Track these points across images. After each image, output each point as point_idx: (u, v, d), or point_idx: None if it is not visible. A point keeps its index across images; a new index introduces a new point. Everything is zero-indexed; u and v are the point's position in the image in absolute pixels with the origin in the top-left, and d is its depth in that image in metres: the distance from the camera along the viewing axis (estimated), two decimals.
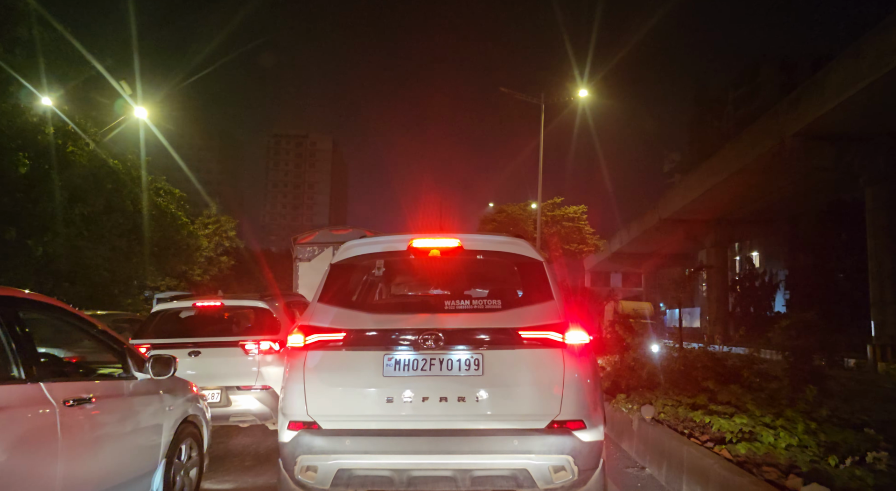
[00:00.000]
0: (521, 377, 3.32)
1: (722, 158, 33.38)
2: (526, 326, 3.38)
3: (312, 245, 14.12)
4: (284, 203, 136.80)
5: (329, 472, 3.28)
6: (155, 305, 7.35)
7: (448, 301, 3.70)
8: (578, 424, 3.24)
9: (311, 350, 3.45)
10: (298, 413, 3.38)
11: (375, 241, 4.11)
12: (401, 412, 3.29)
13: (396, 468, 3.25)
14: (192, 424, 4.39)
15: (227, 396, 6.14)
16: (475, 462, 3.22)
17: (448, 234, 3.91)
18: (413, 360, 3.33)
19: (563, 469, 3.20)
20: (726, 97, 74.98)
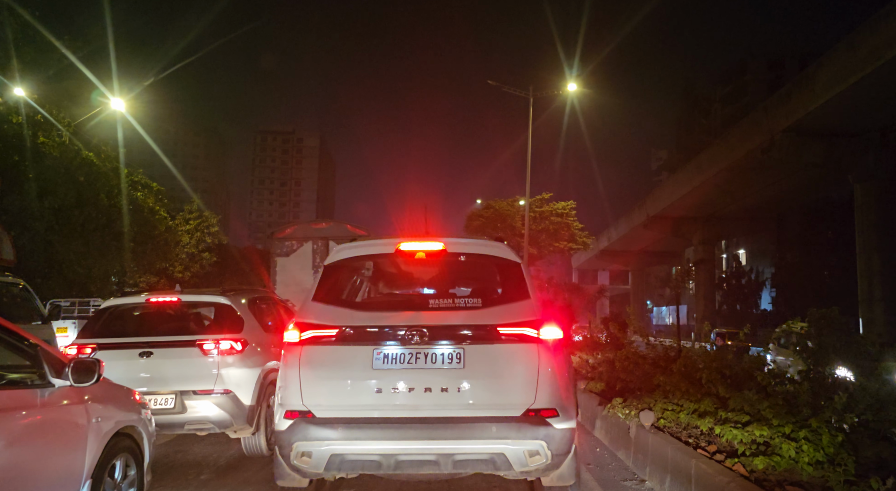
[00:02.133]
0: (499, 370, 3.57)
1: (710, 155, 33.20)
2: (504, 323, 3.61)
3: (291, 239, 13.42)
4: (271, 200, 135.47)
5: (322, 457, 3.50)
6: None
7: (432, 299, 3.98)
8: (552, 412, 3.48)
9: (306, 345, 3.66)
10: (294, 403, 3.58)
11: (365, 244, 4.33)
12: (389, 402, 3.52)
13: (384, 453, 3.48)
14: (129, 437, 3.86)
15: (183, 401, 5.47)
16: (457, 448, 3.45)
17: (433, 237, 4.17)
18: (400, 354, 3.55)
19: (538, 454, 3.44)
20: (714, 94, 75.01)
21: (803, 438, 3.22)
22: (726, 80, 72.51)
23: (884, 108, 21.94)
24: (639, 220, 47.24)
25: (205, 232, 26.36)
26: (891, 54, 18.34)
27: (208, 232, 26.50)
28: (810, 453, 3.12)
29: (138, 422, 4.00)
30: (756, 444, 3.46)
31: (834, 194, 38.38)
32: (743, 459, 3.39)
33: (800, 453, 3.15)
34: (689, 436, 4.21)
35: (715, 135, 50.21)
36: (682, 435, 4.29)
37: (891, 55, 18.37)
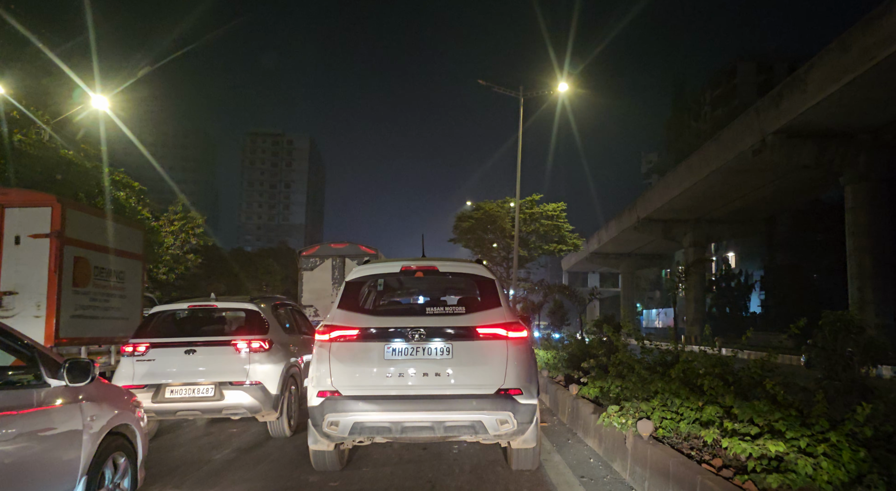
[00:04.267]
0: (478, 360, 4.66)
1: (702, 157, 33.08)
2: (481, 325, 4.74)
3: (315, 257, 16.11)
4: (261, 202, 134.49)
5: (347, 424, 4.58)
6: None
7: (428, 307, 5.08)
8: (517, 391, 4.58)
9: (334, 342, 4.76)
10: (325, 385, 4.66)
11: (377, 265, 5.49)
12: (397, 384, 4.62)
13: (394, 421, 4.55)
14: (122, 436, 4.03)
15: (221, 390, 6.57)
16: (446, 417, 4.53)
17: (428, 259, 5.51)
18: (404, 348, 4.68)
19: (507, 422, 4.52)
20: (704, 97, 75.20)
21: (822, 453, 2.91)
22: (716, 84, 72.70)
23: (875, 109, 21.85)
24: (629, 222, 47.11)
25: (190, 233, 25.81)
26: (883, 54, 18.21)
27: (193, 233, 25.96)
28: (830, 471, 2.81)
29: (132, 421, 4.15)
30: (767, 459, 3.14)
31: (824, 196, 38.44)
32: (753, 476, 3.06)
33: (818, 471, 2.84)
34: (692, 447, 3.88)
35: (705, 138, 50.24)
36: (683, 446, 3.96)
37: (883, 55, 18.24)
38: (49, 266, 7.69)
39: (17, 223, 7.75)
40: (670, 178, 38.90)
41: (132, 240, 9.77)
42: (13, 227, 7.77)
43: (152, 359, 6.69)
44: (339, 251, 16.09)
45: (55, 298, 7.68)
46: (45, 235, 7.74)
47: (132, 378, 6.60)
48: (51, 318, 7.65)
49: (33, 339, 3.67)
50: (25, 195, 8.16)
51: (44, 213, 7.80)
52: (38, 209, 7.83)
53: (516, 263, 24.03)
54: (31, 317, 7.63)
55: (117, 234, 9.21)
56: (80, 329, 8.16)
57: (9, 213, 7.79)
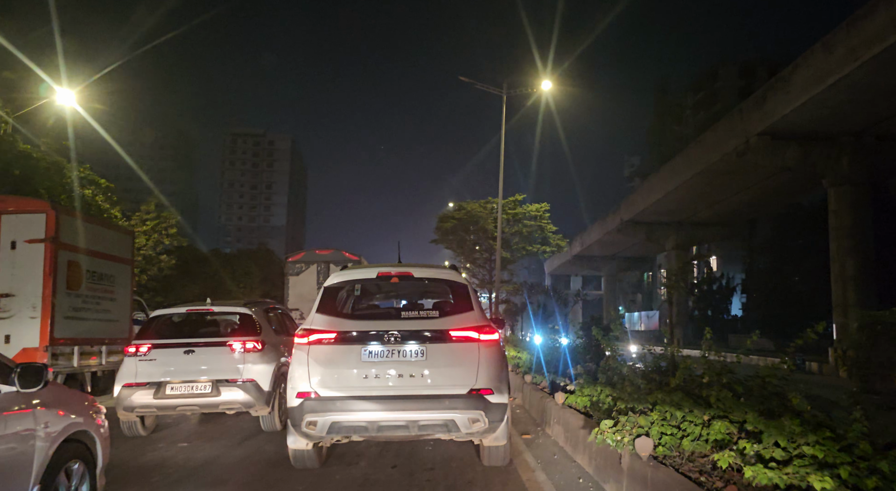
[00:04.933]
0: (451, 361, 4.82)
1: (685, 159, 32.93)
2: (454, 328, 4.91)
3: (300, 263, 16.89)
4: (241, 203, 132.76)
5: (325, 424, 4.73)
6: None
7: (403, 311, 5.43)
8: (488, 391, 4.75)
9: (312, 345, 4.89)
10: (303, 386, 4.79)
11: (354, 270, 5.63)
12: (373, 385, 4.77)
13: (370, 421, 4.68)
14: (80, 443, 3.91)
15: (218, 387, 7.06)
16: (421, 416, 4.68)
17: (403, 265, 5.58)
18: (381, 350, 4.81)
19: (478, 421, 4.68)
20: (686, 101, 75.55)
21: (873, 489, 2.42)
22: (698, 88, 73.07)
23: (858, 111, 21.72)
24: (613, 224, 46.95)
25: (163, 233, 25.04)
26: (868, 55, 18.02)
27: (167, 233, 25.19)
28: None
29: (91, 427, 4.03)
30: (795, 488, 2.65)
31: (806, 200, 38.53)
32: None
33: None
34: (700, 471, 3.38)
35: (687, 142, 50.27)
36: (687, 468, 3.48)
37: (868, 56, 18.06)
38: (44, 270, 8.00)
39: (14, 229, 8.07)
40: (654, 180, 38.76)
41: (122, 245, 10.11)
42: (9, 233, 8.07)
43: (154, 359, 7.20)
44: (324, 257, 16.80)
45: (50, 300, 8.01)
46: (41, 241, 8.06)
47: (135, 376, 7.12)
48: (46, 319, 7.96)
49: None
50: (21, 202, 8.58)
51: (39, 219, 8.10)
52: (34, 215, 8.14)
53: (499, 264, 23.56)
54: (27, 318, 7.94)
55: (108, 240, 9.57)
56: (73, 330, 8.49)
57: (5, 220, 8.07)
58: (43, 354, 7.89)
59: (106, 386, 9.66)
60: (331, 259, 16.60)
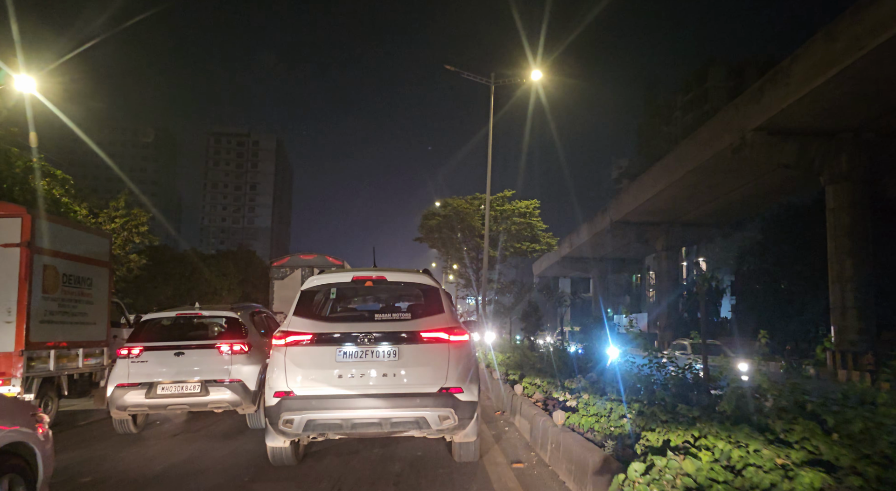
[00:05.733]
0: (422, 361, 5.17)
1: (677, 156, 32.10)
2: (425, 330, 5.26)
3: (285, 267, 17.31)
4: (225, 204, 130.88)
5: (301, 422, 5.05)
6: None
7: (377, 313, 5.74)
8: (458, 389, 5.09)
9: (289, 346, 5.24)
10: (280, 386, 5.11)
11: (330, 275, 5.91)
12: (347, 384, 5.10)
13: (344, 418, 5.04)
14: (17, 456, 3.71)
15: (206, 387, 7.43)
16: (393, 414, 5.00)
17: (377, 269, 5.97)
18: (355, 351, 5.15)
19: (448, 418, 5.04)
20: (675, 102, 75.16)
21: None
22: (687, 88, 72.68)
23: (860, 105, 20.93)
24: (602, 225, 46.11)
25: (133, 231, 23.67)
26: (874, 44, 17.20)
27: (137, 232, 23.81)
28: None
29: (30, 437, 3.80)
30: None
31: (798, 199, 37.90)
32: None
33: None
34: None
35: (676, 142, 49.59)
36: None
37: (873, 45, 17.23)
38: (19, 274, 8.03)
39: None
40: (645, 179, 37.93)
41: (99, 248, 10.17)
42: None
43: (145, 360, 7.55)
44: (308, 262, 17.20)
45: (25, 304, 8.07)
46: (16, 245, 8.08)
47: (128, 377, 7.46)
48: (21, 323, 8.02)
49: None
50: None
51: (14, 223, 8.16)
52: (9, 220, 8.18)
53: (486, 262, 22.46)
54: (2, 322, 8.00)
55: (85, 243, 9.67)
56: (49, 334, 8.58)
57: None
58: (18, 358, 7.97)
59: (84, 389, 9.85)
60: (315, 264, 17.09)
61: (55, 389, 8.98)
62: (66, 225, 9.82)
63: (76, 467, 6.13)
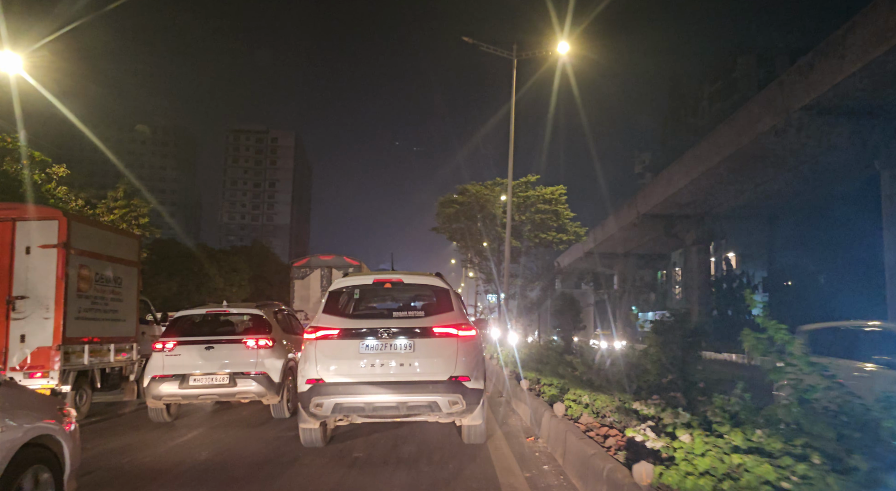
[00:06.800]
0: (434, 353, 5.81)
1: (712, 142, 29.98)
2: (438, 326, 5.94)
3: (305, 268, 18.01)
4: (244, 202, 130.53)
5: (330, 405, 5.73)
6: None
7: (395, 311, 6.43)
8: (466, 378, 5.73)
9: (319, 340, 5.91)
10: (312, 374, 5.79)
11: (354, 278, 6.64)
12: (369, 372, 5.75)
13: (366, 402, 5.70)
14: (44, 448, 3.77)
15: (234, 379, 8.13)
16: (409, 399, 5.67)
17: (396, 272, 6.97)
18: (376, 344, 5.81)
19: (457, 403, 5.68)
20: (701, 92, 72.48)
21: None
22: (714, 78, 70.06)
23: None
24: (628, 218, 44.05)
25: (132, 223, 22.36)
26: None
27: (137, 223, 22.50)
28: None
29: (57, 431, 3.92)
30: None
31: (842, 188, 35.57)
32: None
33: None
34: None
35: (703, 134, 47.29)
36: None
37: None
38: (56, 273, 8.50)
39: (28, 235, 8.60)
40: (675, 168, 35.82)
41: (128, 248, 10.60)
42: (25, 239, 8.61)
43: (178, 354, 8.12)
44: (327, 262, 17.93)
45: (62, 302, 8.50)
46: (53, 246, 8.56)
47: (162, 369, 8.06)
48: (58, 319, 8.46)
49: None
50: (36, 210, 9.15)
51: (52, 225, 8.61)
52: (47, 222, 8.65)
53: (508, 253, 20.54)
54: (40, 318, 8.45)
55: (115, 244, 10.13)
56: (83, 329, 9.00)
57: (21, 226, 8.61)
58: (56, 353, 8.38)
59: (114, 382, 10.27)
60: (333, 264, 17.84)
61: (89, 382, 9.44)
62: (99, 227, 10.42)
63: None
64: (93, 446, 6.67)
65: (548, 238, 28.19)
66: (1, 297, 8.40)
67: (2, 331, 8.36)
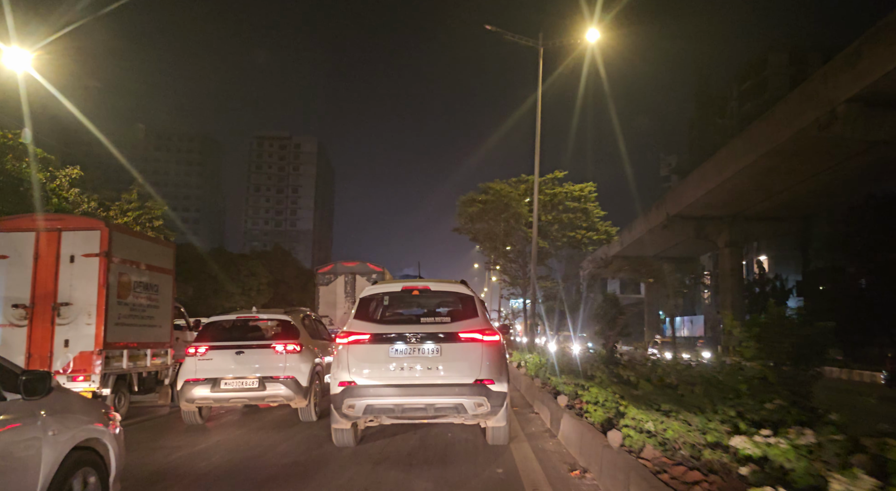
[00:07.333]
0: (460, 357, 6.04)
1: (748, 139, 28.59)
2: (463, 331, 6.14)
3: (329, 274, 18.26)
4: (267, 208, 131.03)
5: (361, 407, 5.98)
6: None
7: (423, 317, 6.61)
8: (490, 381, 5.95)
9: (350, 344, 6.17)
10: (344, 377, 6.03)
11: (384, 286, 7.04)
12: (398, 375, 6.01)
13: (396, 403, 5.95)
14: (92, 451, 3.86)
15: (264, 383, 8.34)
16: (436, 400, 5.92)
17: (423, 280, 7.75)
18: (405, 348, 6.06)
19: (482, 405, 5.90)
20: (730, 91, 70.54)
21: None
22: (744, 77, 68.03)
23: None
24: (657, 220, 42.59)
25: (146, 226, 21.78)
26: None
27: (151, 226, 21.92)
28: None
29: (103, 434, 3.99)
30: None
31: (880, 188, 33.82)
32: None
33: None
34: None
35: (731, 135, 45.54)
36: None
37: None
38: (98, 281, 8.77)
39: (72, 244, 8.88)
40: (707, 168, 34.40)
41: (164, 257, 10.84)
42: (69, 248, 8.88)
43: (210, 358, 8.48)
44: (351, 269, 18.10)
45: (103, 308, 8.75)
46: (96, 255, 8.85)
47: (195, 373, 8.42)
48: (99, 325, 8.72)
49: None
50: (79, 221, 9.64)
51: (94, 235, 8.93)
52: (90, 232, 8.97)
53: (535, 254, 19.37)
54: (83, 324, 8.72)
55: (153, 253, 10.42)
56: (122, 335, 9.25)
57: (65, 236, 8.91)
58: (97, 357, 8.67)
59: (150, 386, 10.56)
60: (357, 271, 17.98)
61: (127, 385, 9.74)
62: (138, 237, 10.76)
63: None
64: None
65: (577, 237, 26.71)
66: (47, 303, 8.72)
67: (47, 336, 8.69)
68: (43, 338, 8.64)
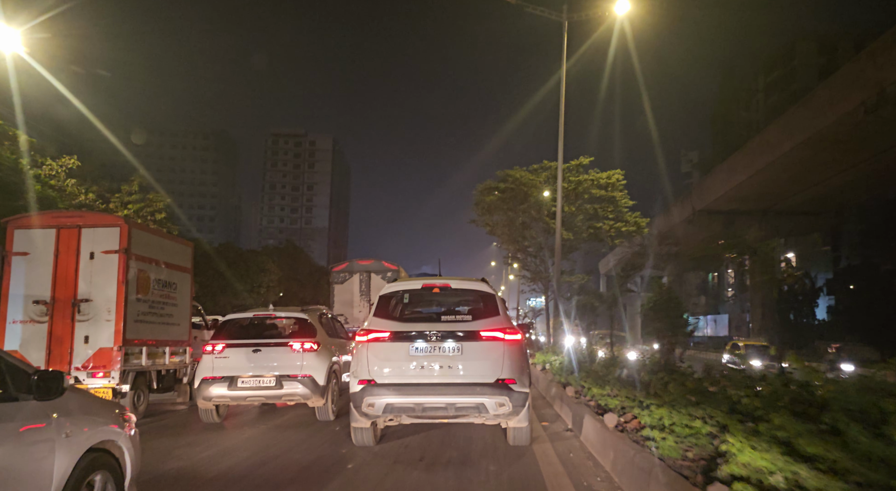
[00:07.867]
0: (481, 356, 5.97)
1: (783, 127, 26.94)
2: (484, 329, 6.06)
3: (344, 272, 18.06)
4: (283, 205, 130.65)
5: (381, 405, 5.93)
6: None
7: (443, 315, 6.56)
8: (512, 381, 5.89)
9: (370, 342, 6.12)
10: (364, 375, 6.02)
11: (403, 283, 6.95)
12: (419, 374, 5.96)
13: (416, 402, 5.89)
14: (107, 453, 3.75)
15: (281, 381, 8.30)
16: (457, 400, 5.84)
17: (443, 277, 7.30)
18: (425, 346, 6.00)
19: (504, 405, 5.84)
20: (756, 84, 68.33)
21: None
22: (771, 67, 65.84)
23: None
24: (682, 215, 40.97)
25: (148, 219, 20.74)
26: None
27: (153, 219, 20.87)
28: None
29: (119, 436, 3.91)
30: None
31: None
32: None
33: None
34: None
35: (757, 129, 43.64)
36: None
37: None
38: (118, 278, 8.91)
39: (92, 241, 9.01)
40: (737, 158, 32.74)
41: (183, 255, 10.85)
42: (89, 245, 9.01)
43: (227, 356, 8.46)
44: (366, 267, 17.94)
45: (122, 305, 8.88)
46: (115, 252, 9.00)
47: (212, 371, 8.40)
48: (119, 322, 8.85)
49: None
50: (99, 218, 9.67)
51: (113, 232, 9.04)
52: (109, 229, 9.08)
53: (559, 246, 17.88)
54: (103, 321, 8.85)
55: (171, 250, 10.39)
56: (141, 332, 9.36)
57: (85, 233, 9.04)
58: (117, 353, 8.69)
59: (169, 384, 10.51)
60: (371, 269, 17.80)
61: (146, 383, 9.71)
62: (157, 234, 10.62)
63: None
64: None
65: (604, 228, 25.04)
66: (67, 299, 8.72)
67: (68, 332, 8.69)
68: (63, 334, 8.65)
